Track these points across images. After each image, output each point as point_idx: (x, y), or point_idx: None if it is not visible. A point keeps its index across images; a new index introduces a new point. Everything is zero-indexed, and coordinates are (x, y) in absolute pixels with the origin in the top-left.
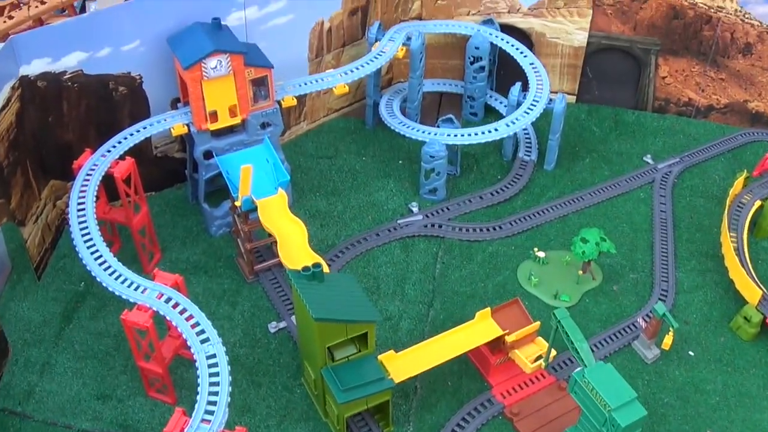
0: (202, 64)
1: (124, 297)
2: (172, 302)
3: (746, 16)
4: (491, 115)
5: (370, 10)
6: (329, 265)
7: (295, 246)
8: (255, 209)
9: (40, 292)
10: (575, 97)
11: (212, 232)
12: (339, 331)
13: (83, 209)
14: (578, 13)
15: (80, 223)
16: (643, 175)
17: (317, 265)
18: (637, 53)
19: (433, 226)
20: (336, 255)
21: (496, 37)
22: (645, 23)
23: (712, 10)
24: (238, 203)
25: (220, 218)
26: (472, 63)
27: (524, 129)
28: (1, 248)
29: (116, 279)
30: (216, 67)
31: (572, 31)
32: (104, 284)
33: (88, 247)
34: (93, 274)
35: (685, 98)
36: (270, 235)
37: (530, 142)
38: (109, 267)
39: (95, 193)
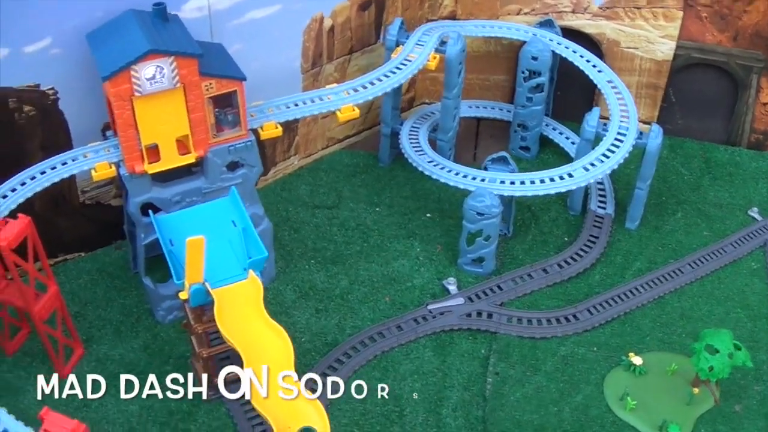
0: (132, 72)
1: None
2: None
3: None
4: (547, 149)
5: (388, 4)
6: (322, 380)
7: (273, 375)
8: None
9: None
10: None
11: (159, 317)
12: None
13: None
14: (664, 15)
15: None
16: (752, 236)
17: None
18: (734, 71)
19: (479, 314)
20: (338, 359)
21: (559, 44)
22: (748, 32)
23: None
24: (183, 295)
25: (169, 298)
26: (526, 79)
27: None
28: None
29: None
30: (154, 77)
31: (655, 39)
32: None
33: None
34: None
35: None
36: None
37: (604, 190)
38: None
39: None
